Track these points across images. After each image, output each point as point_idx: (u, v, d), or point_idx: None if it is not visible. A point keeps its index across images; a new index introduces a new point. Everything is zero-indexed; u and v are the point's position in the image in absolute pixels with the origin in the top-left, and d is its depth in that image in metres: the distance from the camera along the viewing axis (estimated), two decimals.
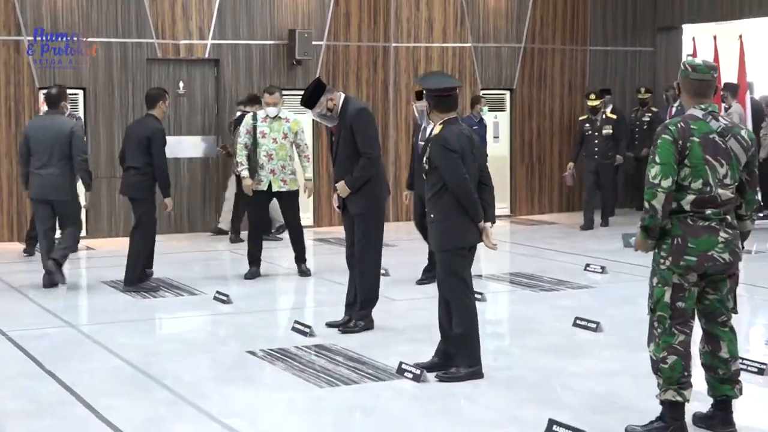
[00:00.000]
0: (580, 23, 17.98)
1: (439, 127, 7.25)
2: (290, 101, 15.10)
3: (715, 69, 6.03)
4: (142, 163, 10.69)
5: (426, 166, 7.28)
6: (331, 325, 8.90)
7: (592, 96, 15.61)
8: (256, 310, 9.92)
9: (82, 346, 8.69)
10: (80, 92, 14.64)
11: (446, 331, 7.41)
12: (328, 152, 10.69)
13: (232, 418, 6.45)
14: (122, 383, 7.34)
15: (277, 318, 9.75)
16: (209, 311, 9.89)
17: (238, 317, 9.61)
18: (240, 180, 12.07)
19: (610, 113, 15.70)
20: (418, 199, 10.35)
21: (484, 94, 17.03)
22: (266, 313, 9.93)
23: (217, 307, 9.98)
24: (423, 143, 10.21)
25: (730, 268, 5.90)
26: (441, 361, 7.44)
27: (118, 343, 8.45)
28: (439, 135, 7.20)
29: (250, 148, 11.22)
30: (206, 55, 15.26)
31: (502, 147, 17.35)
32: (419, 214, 10.51)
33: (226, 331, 9.13)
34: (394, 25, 16.37)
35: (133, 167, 10.72)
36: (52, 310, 10.00)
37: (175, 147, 14.31)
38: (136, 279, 10.76)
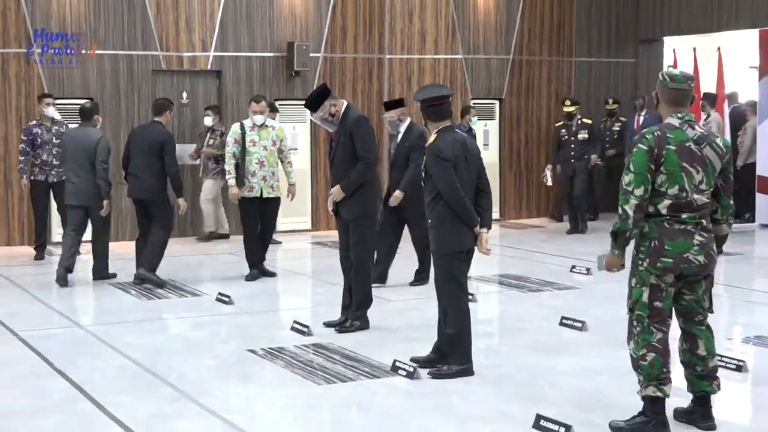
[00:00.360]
0: (565, 36, 17.99)
1: (434, 136, 7.25)
2: (290, 110, 15.16)
3: (692, 79, 6.03)
4: (155, 167, 10.85)
5: (423, 174, 7.30)
6: (328, 325, 8.90)
7: (567, 102, 15.60)
8: (257, 311, 9.92)
9: (90, 346, 8.68)
10: (88, 102, 14.61)
11: (444, 330, 7.43)
12: (327, 157, 10.69)
13: (233, 414, 6.45)
14: (128, 381, 7.34)
15: (276, 318, 9.74)
16: (212, 312, 9.87)
17: (239, 317, 9.60)
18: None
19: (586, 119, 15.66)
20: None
21: (474, 104, 17.08)
22: (266, 313, 9.92)
23: (219, 308, 9.97)
24: (395, 151, 10.23)
25: (705, 270, 5.92)
26: (436, 357, 7.46)
27: (124, 343, 8.45)
28: (432, 144, 7.20)
29: (239, 156, 11.17)
30: (209, 67, 15.25)
31: (492, 154, 17.33)
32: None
33: (227, 331, 9.12)
34: (388, 38, 16.37)
35: (145, 171, 10.86)
36: (61, 311, 10.00)
37: (180, 154, 14.27)
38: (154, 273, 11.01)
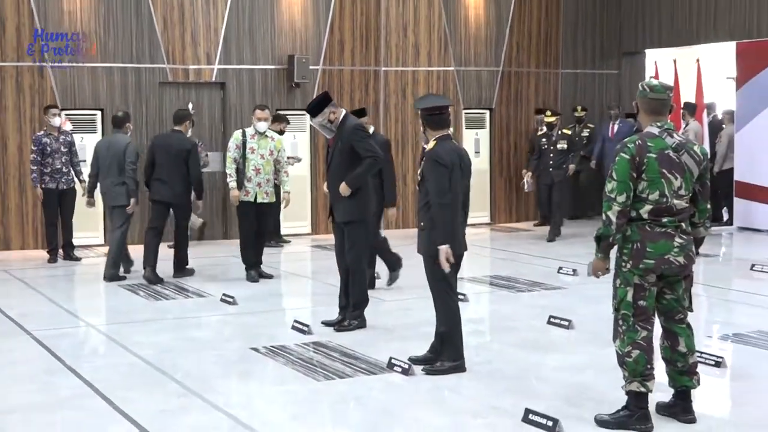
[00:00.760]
0: (552, 49, 18.00)
1: (433, 143, 7.25)
2: (291, 120, 15.12)
3: (671, 89, 6.05)
4: (182, 173, 11.32)
5: (419, 178, 7.32)
6: (327, 324, 8.89)
7: (548, 113, 15.38)
8: (259, 311, 9.90)
9: (100, 344, 8.68)
10: (98, 113, 14.63)
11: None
12: (325, 163, 10.69)
13: (237, 409, 6.45)
14: (137, 378, 7.33)
15: (278, 318, 9.73)
16: (216, 312, 9.86)
17: (242, 317, 9.59)
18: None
19: (566, 130, 15.50)
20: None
21: (465, 114, 17.11)
22: (268, 313, 9.91)
23: (224, 308, 9.96)
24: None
25: (685, 270, 5.93)
26: (433, 356, 7.45)
27: (133, 341, 8.44)
28: (432, 150, 7.21)
29: (239, 161, 11.20)
30: (213, 79, 15.25)
31: (483, 161, 17.34)
32: None
33: (231, 330, 9.11)
34: (384, 51, 16.38)
35: (173, 177, 11.30)
36: (72, 312, 9.99)
37: None
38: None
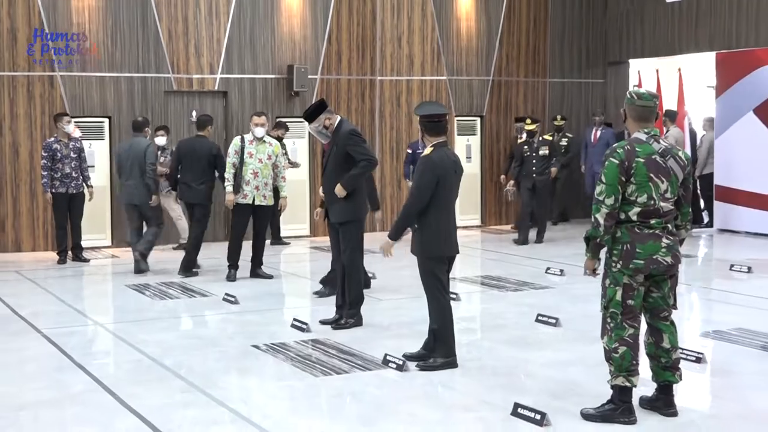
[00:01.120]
0: (540, 59, 18.01)
1: (430, 149, 7.26)
2: (290, 127, 15.11)
3: (656, 97, 6.08)
4: (207, 176, 11.78)
5: (412, 180, 7.34)
6: (324, 323, 8.88)
7: (529, 121, 15.07)
8: (260, 310, 9.89)
9: (107, 342, 8.67)
10: (106, 120, 14.63)
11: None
12: (321, 167, 10.68)
13: (238, 404, 6.44)
14: (142, 374, 7.32)
15: (278, 316, 9.71)
16: (219, 311, 9.85)
17: (244, 316, 9.58)
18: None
19: (548, 136, 15.42)
20: None
21: (457, 121, 17.11)
22: (269, 312, 9.90)
23: (226, 307, 9.95)
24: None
25: (671, 270, 5.94)
26: (426, 353, 7.44)
27: (139, 339, 8.43)
28: (427, 156, 7.23)
29: (237, 166, 11.20)
30: (215, 88, 15.24)
31: (474, 166, 17.34)
32: None
33: (233, 328, 9.09)
34: (379, 61, 16.39)
35: (199, 180, 11.69)
36: (81, 311, 9.97)
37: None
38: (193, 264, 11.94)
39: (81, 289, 11.68)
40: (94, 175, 13.82)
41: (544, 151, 14.82)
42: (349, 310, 8.81)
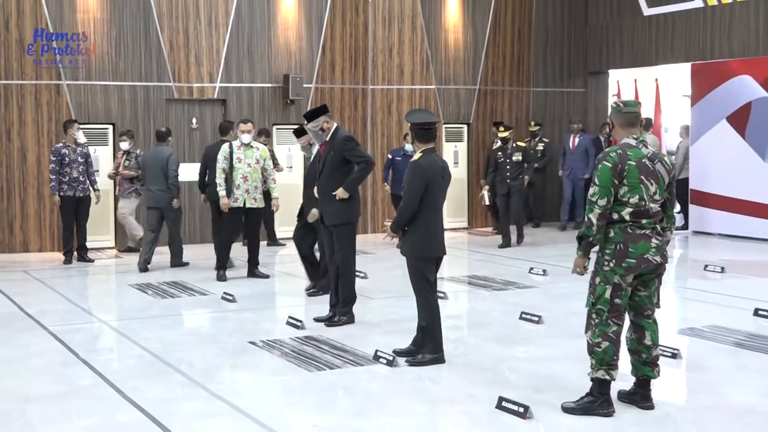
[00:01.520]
0: (524, 69, 18.04)
1: (419, 154, 7.26)
2: (286, 134, 15.12)
3: (640, 104, 6.17)
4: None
5: (404, 185, 7.33)
6: (318, 320, 8.87)
7: (502, 128, 14.73)
8: (257, 308, 9.88)
9: (111, 339, 8.65)
10: (110, 127, 14.60)
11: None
12: (316, 171, 10.65)
13: (236, 397, 6.43)
14: (144, 369, 7.30)
15: (274, 314, 9.71)
16: (218, 308, 9.84)
17: (241, 313, 9.57)
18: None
19: (521, 142, 15.24)
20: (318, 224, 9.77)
21: (446, 128, 17.12)
22: (265, 310, 9.89)
23: (224, 305, 9.94)
24: (307, 172, 9.89)
25: (659, 269, 5.97)
26: (415, 349, 7.44)
27: (141, 336, 8.41)
28: (417, 161, 7.23)
29: (227, 171, 11.19)
30: (215, 96, 15.22)
31: (461, 171, 17.36)
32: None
33: (231, 325, 9.08)
34: (371, 71, 16.39)
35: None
36: (86, 309, 9.96)
37: (191, 172, 14.23)
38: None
39: (86, 288, 11.65)
40: (98, 180, 13.78)
41: (518, 157, 14.52)
42: (342, 308, 8.81)
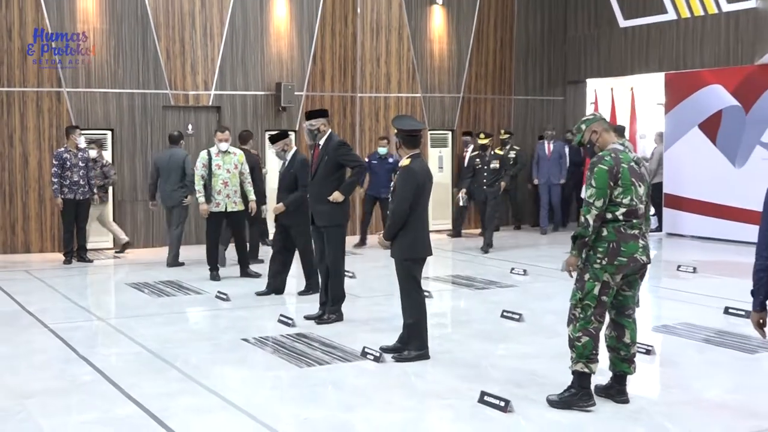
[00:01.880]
0: (506, 78, 18.08)
1: (407, 160, 7.26)
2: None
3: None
4: (257, 184, 11.93)
5: (392, 189, 7.33)
6: (308, 318, 8.88)
7: (482, 135, 14.69)
8: (250, 306, 9.87)
9: (110, 336, 8.62)
10: (109, 132, 14.56)
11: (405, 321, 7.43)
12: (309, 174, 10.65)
13: (229, 392, 6.42)
14: (142, 365, 7.29)
15: (266, 312, 9.68)
16: (212, 307, 9.83)
17: (235, 312, 9.56)
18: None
19: (498, 150, 15.03)
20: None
21: (431, 134, 17.14)
22: (258, 308, 9.88)
23: (218, 304, 9.93)
24: (281, 176, 10.05)
25: (644, 268, 5.99)
26: (401, 346, 7.45)
27: (138, 333, 8.40)
28: (406, 166, 7.23)
29: (206, 178, 11.18)
30: (210, 103, 15.20)
31: (446, 176, 17.38)
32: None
33: (225, 323, 9.07)
34: (360, 79, 16.40)
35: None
36: (85, 307, 9.92)
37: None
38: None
39: (85, 288, 11.61)
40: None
41: (495, 165, 14.34)
42: (331, 306, 8.81)
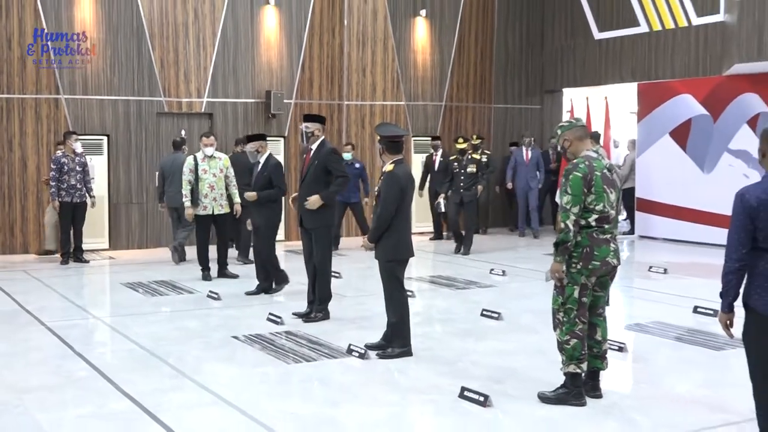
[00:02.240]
0: (486, 87, 18.12)
1: (391, 166, 7.26)
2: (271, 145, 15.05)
3: (580, 120, 6.32)
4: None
5: (376, 194, 7.33)
6: (296, 316, 8.87)
7: (460, 140, 14.57)
8: (240, 305, 9.85)
9: (105, 334, 8.59)
10: (105, 138, 14.51)
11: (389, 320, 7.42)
12: (297, 180, 10.66)
13: (220, 388, 6.41)
14: (135, 362, 7.26)
15: (255, 311, 9.66)
16: (203, 306, 9.80)
17: (225, 310, 9.54)
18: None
19: (475, 155, 14.76)
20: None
21: (414, 141, 17.15)
22: (247, 307, 9.85)
23: (210, 303, 9.90)
24: (255, 177, 10.09)
25: (614, 271, 6.01)
26: (385, 343, 7.45)
27: (133, 331, 8.37)
28: (390, 172, 7.23)
29: (193, 183, 11.16)
30: (202, 110, 15.17)
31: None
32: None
33: (216, 322, 9.05)
34: (346, 88, 16.40)
35: (241, 189, 11.22)
36: (81, 306, 9.87)
37: None
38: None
39: (82, 287, 11.56)
40: (94, 186, 13.68)
41: (472, 169, 14.24)
42: (318, 305, 8.80)
